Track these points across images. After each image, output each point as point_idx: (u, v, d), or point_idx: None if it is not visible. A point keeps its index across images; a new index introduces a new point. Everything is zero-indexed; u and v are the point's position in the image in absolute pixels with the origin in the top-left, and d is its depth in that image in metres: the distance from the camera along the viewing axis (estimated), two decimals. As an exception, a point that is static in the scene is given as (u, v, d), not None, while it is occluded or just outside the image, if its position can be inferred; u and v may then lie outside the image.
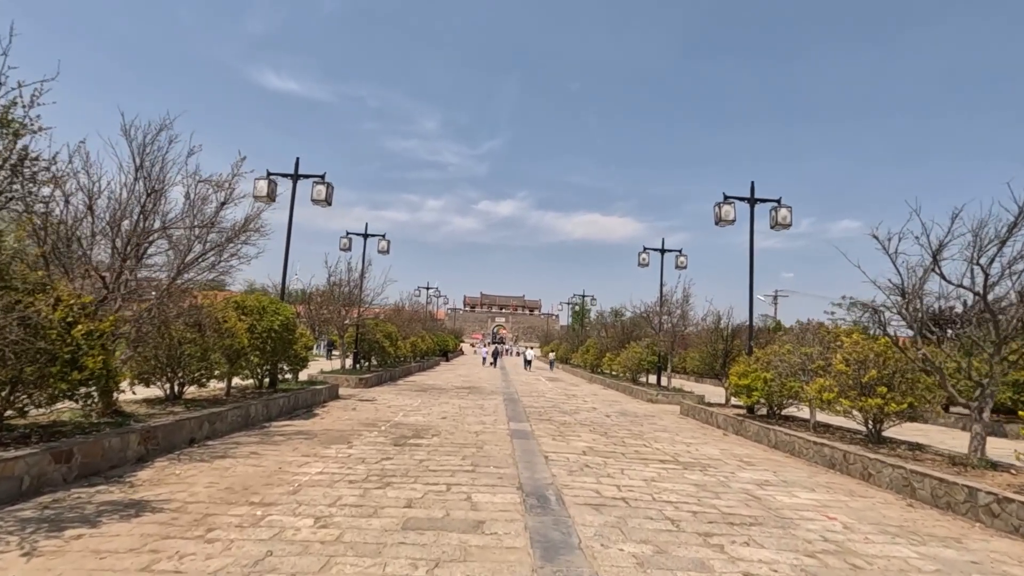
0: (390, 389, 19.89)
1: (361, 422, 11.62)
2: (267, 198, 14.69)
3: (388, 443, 9.34)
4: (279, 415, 11.88)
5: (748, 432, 12.31)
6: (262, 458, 7.75)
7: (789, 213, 14.96)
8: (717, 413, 14.38)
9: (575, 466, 8.21)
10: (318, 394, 14.55)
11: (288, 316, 11.54)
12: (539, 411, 15.31)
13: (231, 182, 8.85)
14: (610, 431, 12.27)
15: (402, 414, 13.20)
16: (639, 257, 23.51)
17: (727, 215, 15.07)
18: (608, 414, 15.63)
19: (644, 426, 13.51)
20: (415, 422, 11.96)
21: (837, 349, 10.90)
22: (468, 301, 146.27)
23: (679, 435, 12.31)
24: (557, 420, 13.59)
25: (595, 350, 34.58)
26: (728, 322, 16.03)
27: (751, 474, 8.44)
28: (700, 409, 15.52)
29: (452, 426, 11.59)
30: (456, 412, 14.04)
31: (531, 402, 17.86)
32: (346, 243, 22.63)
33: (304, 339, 13.71)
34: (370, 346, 22.72)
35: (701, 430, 13.45)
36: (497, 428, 11.67)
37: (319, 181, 14.96)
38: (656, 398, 20.17)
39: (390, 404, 15.15)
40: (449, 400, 16.97)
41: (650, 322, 22.45)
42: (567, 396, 20.94)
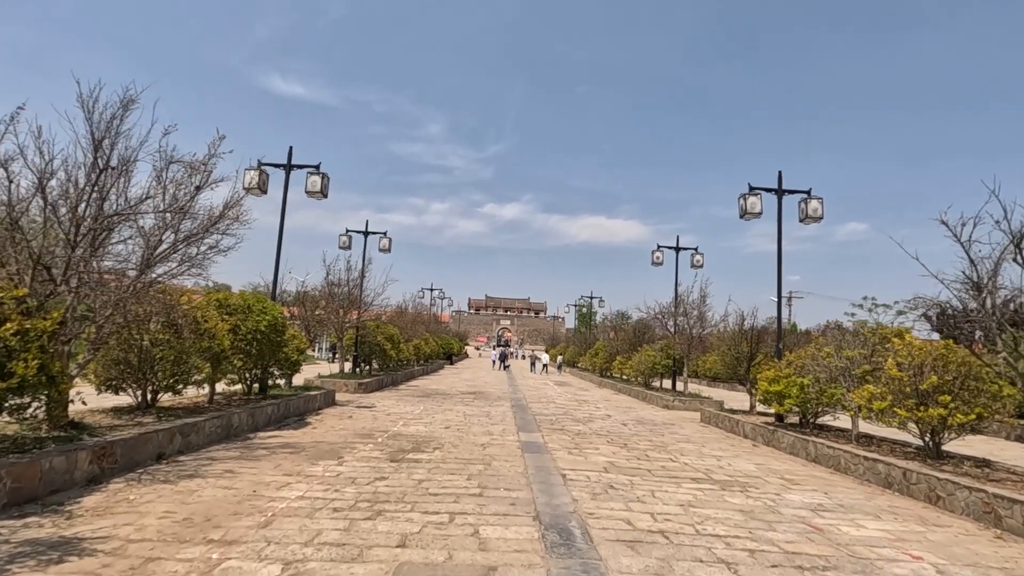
0: (391, 395, 18.84)
1: (356, 433, 10.56)
2: (258, 190, 13.71)
3: (384, 458, 8.28)
4: (267, 424, 10.84)
5: (782, 443, 11.18)
6: (236, 478, 6.70)
7: (820, 205, 13.85)
8: (743, 421, 13.25)
9: (598, 487, 7.12)
10: (312, 401, 13.51)
11: (276, 316, 10.52)
12: (550, 419, 14.22)
13: (207, 164, 7.82)
14: (630, 442, 11.17)
15: (402, 423, 12.14)
16: (653, 255, 22.42)
17: (753, 207, 13.97)
18: (624, 422, 14.52)
19: (665, 436, 12.40)
20: (416, 432, 10.89)
21: (887, 352, 9.78)
22: (473, 304, 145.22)
23: (705, 446, 11.20)
24: (571, 430, 12.49)
25: (604, 353, 33.46)
26: (753, 323, 14.95)
27: (800, 496, 7.33)
28: (724, 417, 14.39)
29: (456, 437, 10.52)
30: (461, 421, 12.97)
31: (541, 409, 16.77)
32: (345, 241, 21.62)
33: (297, 341, 12.69)
34: (371, 349, 21.69)
35: (727, 440, 12.33)
36: (506, 440, 10.59)
37: (313, 171, 13.97)
38: (672, 404, 19.05)
39: (390, 412, 14.10)
40: (453, 407, 15.90)
41: (664, 323, 21.32)
42: (578, 402, 19.84)
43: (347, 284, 19.87)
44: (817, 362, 10.92)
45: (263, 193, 13.82)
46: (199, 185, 7.78)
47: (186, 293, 9.17)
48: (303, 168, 14.01)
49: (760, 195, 14.05)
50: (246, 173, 13.71)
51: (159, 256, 7.72)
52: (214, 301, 9.99)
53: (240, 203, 8.20)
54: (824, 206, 13.87)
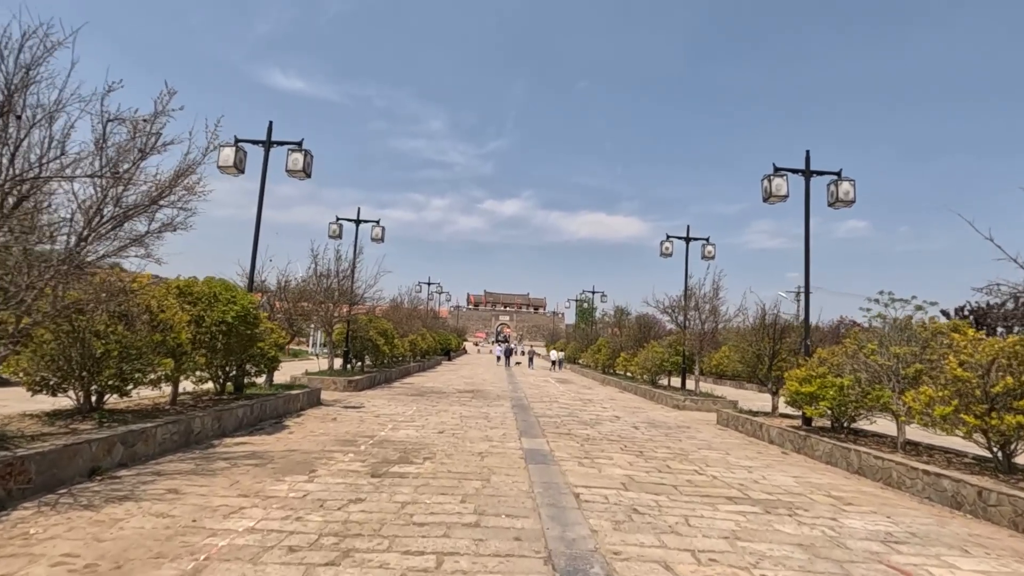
0: (383, 393, 17.61)
1: (338, 438, 9.34)
2: (234, 169, 12.44)
3: (364, 472, 7.04)
4: (237, 429, 9.60)
5: (816, 451, 9.97)
6: (178, 501, 5.47)
7: (852, 188, 12.61)
8: (767, 425, 12.04)
9: (619, 512, 5.89)
10: (293, 401, 12.28)
11: (246, 306, 9.27)
12: (555, 422, 12.99)
13: (153, 123, 6.56)
14: (645, 449, 9.95)
15: (391, 426, 10.91)
16: (662, 246, 21.17)
17: (779, 190, 12.71)
18: (635, 425, 13.30)
19: (683, 441, 11.19)
20: (405, 438, 9.66)
21: (944, 349, 8.57)
22: (472, 299, 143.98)
23: (730, 454, 9.99)
24: (578, 434, 11.27)
25: (607, 350, 32.25)
26: (775, 317, 13.71)
27: (861, 521, 6.11)
28: (744, 419, 13.18)
29: (451, 444, 9.30)
30: (456, 424, 11.74)
31: (543, 409, 15.55)
32: (336, 230, 20.35)
33: (274, 335, 11.45)
34: (362, 345, 20.45)
35: (752, 447, 11.11)
36: (507, 447, 9.37)
37: (295, 148, 12.69)
38: (683, 404, 17.84)
39: (379, 413, 12.87)
40: (449, 407, 14.67)
41: (675, 318, 20.09)
42: (582, 402, 18.62)
43: (336, 275, 18.63)
44: (857, 360, 9.70)
45: (240, 172, 12.55)
46: (143, 148, 6.51)
47: (139, 279, 7.92)
48: (284, 145, 12.73)
49: (786, 176, 12.80)
50: (221, 150, 12.43)
51: (96, 231, 6.46)
52: (174, 289, 8.74)
53: (194, 170, 6.92)
54: (856, 189, 12.63)
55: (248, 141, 12.73)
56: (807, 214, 12.71)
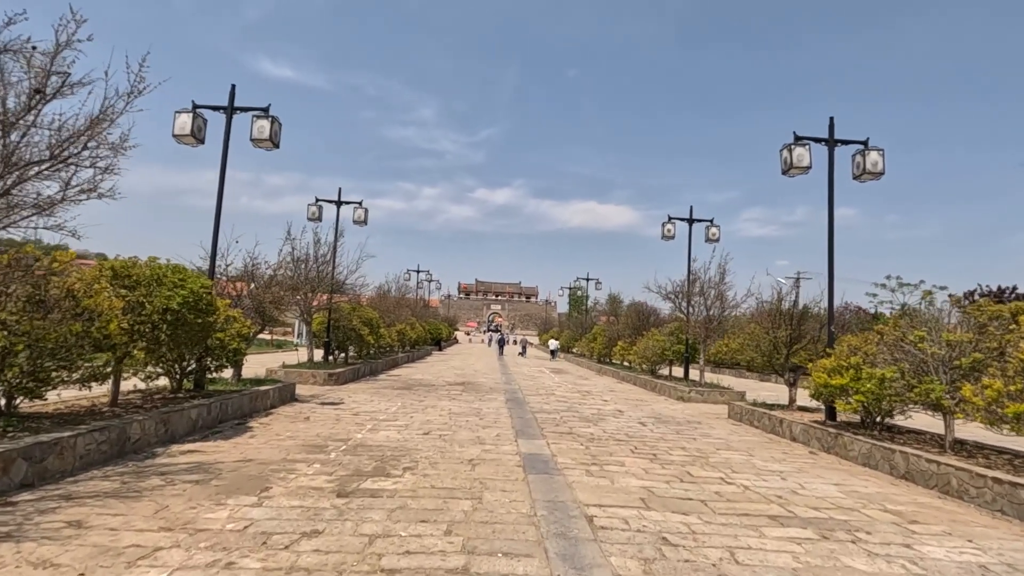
0: (367, 386, 16.33)
1: (306, 443, 8.07)
2: (191, 138, 11.01)
3: (329, 489, 5.79)
4: (189, 433, 8.31)
5: (850, 452, 8.83)
6: (76, 539, 4.19)
7: (881, 158, 11.39)
8: (788, 420, 10.90)
9: (647, 544, 4.68)
10: (261, 398, 10.97)
11: (196, 291, 7.93)
12: (553, 418, 11.79)
13: (54, 57, 5.19)
14: (658, 451, 8.77)
15: (370, 427, 9.66)
16: (664, 228, 19.93)
17: (800, 160, 11.47)
18: (641, 420, 12.13)
19: (698, 440, 10.03)
20: (384, 442, 8.41)
21: (1009, 335, 7.41)
22: (463, 288, 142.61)
23: (754, 455, 8.83)
24: (581, 433, 10.07)
25: (604, 338, 31.12)
26: (793, 302, 12.55)
27: (940, 549, 4.94)
28: (760, 414, 12.05)
29: (436, 449, 8.06)
30: (444, 423, 10.50)
31: (540, 403, 14.35)
32: (315, 211, 18.92)
33: (237, 325, 10.11)
34: (345, 335, 19.13)
35: (775, 445, 9.97)
36: (502, 451, 8.14)
37: (261, 115, 11.27)
38: (688, 396, 16.72)
39: (359, 410, 11.60)
40: (438, 402, 13.43)
41: (678, 304, 18.92)
42: (581, 394, 17.44)
43: (315, 260, 17.27)
44: (900, 348, 8.54)
45: (199, 143, 11.12)
46: (40, 89, 5.15)
47: (59, 257, 6.58)
48: (248, 111, 11.30)
49: (808, 146, 11.55)
50: (177, 117, 11.00)
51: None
52: (108, 271, 7.38)
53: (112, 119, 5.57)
54: (885, 160, 11.42)
55: (207, 107, 11.30)
56: (831, 187, 11.49)
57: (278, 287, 12.98)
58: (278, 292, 12.63)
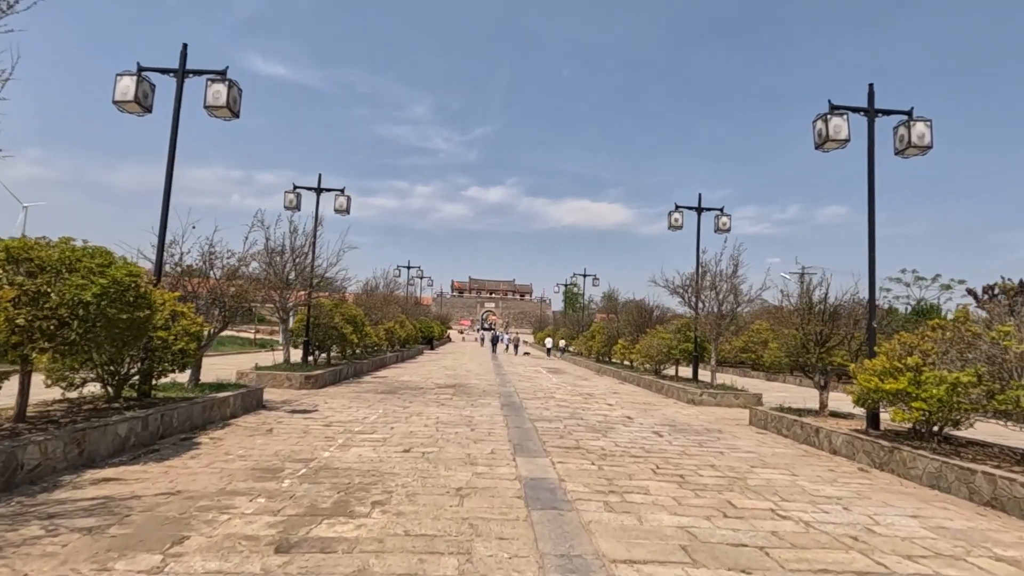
0: (347, 390, 14.83)
1: (257, 466, 6.57)
2: (136, 104, 9.49)
3: (266, 541, 4.30)
4: (117, 453, 6.79)
5: (912, 470, 7.42)
6: None
7: (928, 130, 10.01)
8: (828, 430, 9.51)
9: (711, 634, 3.23)
10: (218, 407, 9.46)
11: (122, 279, 6.41)
12: (556, 428, 10.34)
13: None
14: (684, 470, 7.34)
15: (341, 441, 8.18)
16: (670, 218, 18.53)
17: (837, 132, 10.06)
18: (656, 429, 10.70)
19: (726, 454, 8.61)
20: (355, 463, 6.93)
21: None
22: (457, 286, 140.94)
23: (799, 475, 7.42)
24: (590, 447, 8.63)
25: (603, 336, 29.74)
26: (824, 295, 11.15)
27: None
28: (789, 420, 10.65)
29: (417, 473, 6.58)
30: (430, 435, 9.03)
31: (539, 409, 12.90)
32: (292, 199, 17.39)
33: (184, 322, 8.58)
34: (326, 333, 17.60)
35: (816, 461, 8.57)
36: (497, 475, 6.68)
37: (216, 78, 9.72)
38: (700, 399, 15.32)
39: (333, 419, 10.10)
40: (424, 409, 11.95)
41: (688, 300, 17.52)
42: (583, 397, 16.00)
43: (291, 251, 15.74)
44: (976, 348, 7.14)
45: (144, 110, 9.58)
46: None
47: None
48: (201, 74, 9.76)
49: (846, 116, 10.14)
50: (119, 81, 9.48)
51: None
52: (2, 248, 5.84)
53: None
54: (933, 132, 10.03)
55: (155, 69, 9.76)
56: (871, 161, 10.09)
57: (244, 280, 11.44)
58: (242, 285, 11.08)
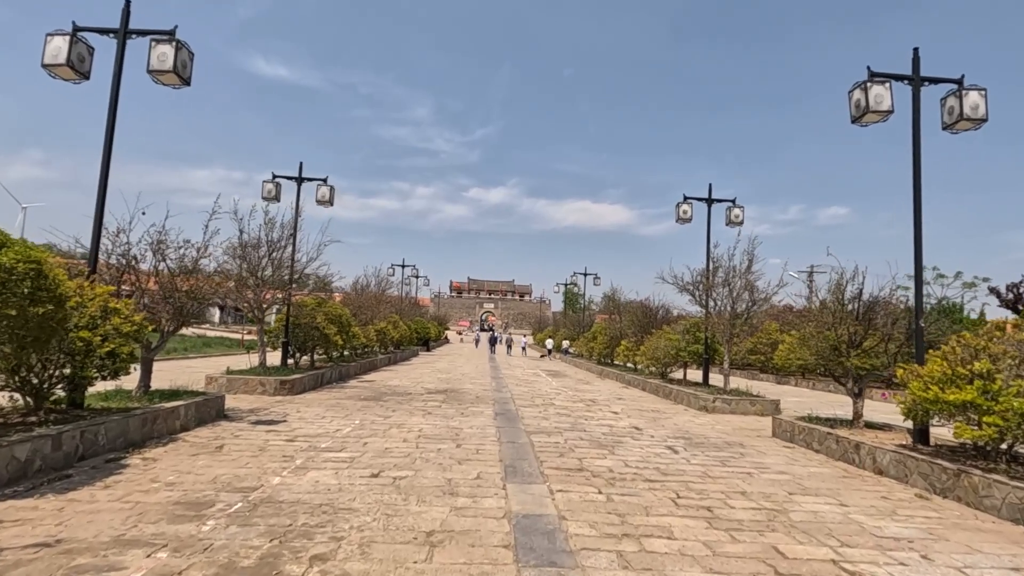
0: (327, 396, 13.52)
1: (183, 498, 5.27)
2: (67, 69, 8.21)
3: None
4: (13, 480, 5.48)
5: (988, 500, 6.11)
6: None
7: (983, 100, 8.71)
8: (870, 446, 8.20)
9: None
10: (164, 419, 8.14)
11: (13, 265, 5.12)
12: (556, 443, 9.03)
13: None
14: (711, 501, 6.04)
15: (300, 461, 6.87)
16: (678, 209, 17.20)
17: (879, 103, 8.75)
18: (669, 444, 9.40)
19: (755, 476, 7.31)
20: (308, 492, 5.62)
21: None
22: (455, 286, 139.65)
23: (847, 504, 6.12)
24: (596, 469, 7.31)
25: (605, 337, 28.43)
26: (859, 289, 9.85)
27: None
28: (823, 434, 9.33)
29: (382, 508, 5.27)
30: (408, 453, 7.72)
31: (537, 419, 11.59)
32: (271, 189, 16.07)
33: (116, 321, 7.27)
34: (307, 334, 16.29)
35: (862, 484, 7.26)
36: (481, 510, 5.36)
37: (163, 39, 8.41)
38: (713, 406, 14.01)
39: (299, 432, 8.79)
40: (407, 419, 10.64)
41: (699, 298, 16.21)
42: (585, 403, 14.69)
43: (267, 245, 14.45)
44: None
45: (80, 76, 8.27)
46: None
47: None
48: (147, 35, 8.46)
49: (889, 85, 8.84)
50: (49, 41, 8.19)
51: None
52: None
53: None
54: (987, 103, 8.74)
55: (93, 29, 8.47)
56: (916, 136, 8.81)
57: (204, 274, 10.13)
58: (200, 280, 9.77)
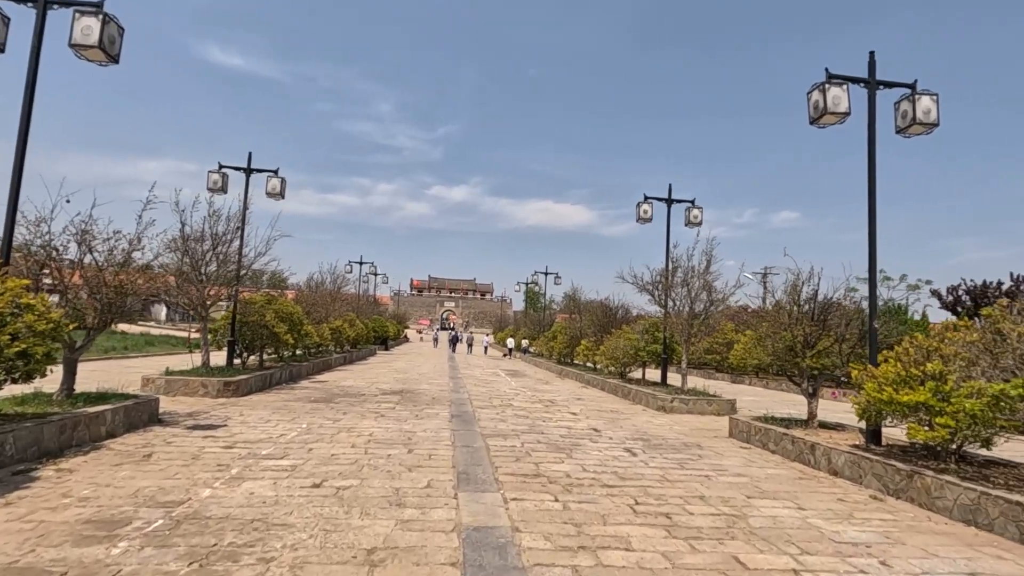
0: (274, 398, 12.88)
1: (95, 516, 4.73)
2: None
3: None
4: None
5: (940, 501, 6.12)
6: None
7: (934, 105, 8.86)
8: (826, 447, 8.21)
9: None
10: (85, 425, 7.46)
11: None
12: (512, 447, 8.73)
13: None
14: (670, 506, 5.85)
15: (236, 470, 6.36)
16: (639, 209, 17.18)
17: (836, 104, 8.78)
18: (627, 445, 9.23)
19: (713, 479, 7.19)
20: (240, 506, 5.15)
21: None
22: (416, 284, 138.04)
23: (805, 507, 6.03)
24: (553, 474, 7.05)
25: (565, 337, 28.37)
26: (814, 291, 9.92)
27: None
28: (778, 435, 9.33)
29: (321, 523, 4.85)
30: (355, 459, 7.29)
31: (494, 420, 11.28)
32: (217, 180, 15.25)
33: (31, 318, 6.58)
34: (255, 333, 15.53)
35: (819, 486, 7.23)
36: (429, 523, 5.01)
37: (86, 10, 7.68)
38: (671, 405, 13.99)
39: (239, 438, 8.23)
40: (359, 422, 10.17)
41: (658, 297, 16.21)
42: (544, 404, 14.47)
43: (211, 238, 13.68)
44: (1015, 352, 5.88)
45: (-6, 49, 7.51)
46: None
47: None
48: (70, 5, 7.70)
49: (846, 87, 8.89)
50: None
51: None
52: None
53: None
54: (939, 108, 8.88)
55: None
56: (872, 139, 8.88)
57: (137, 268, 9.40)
58: (130, 275, 9.05)
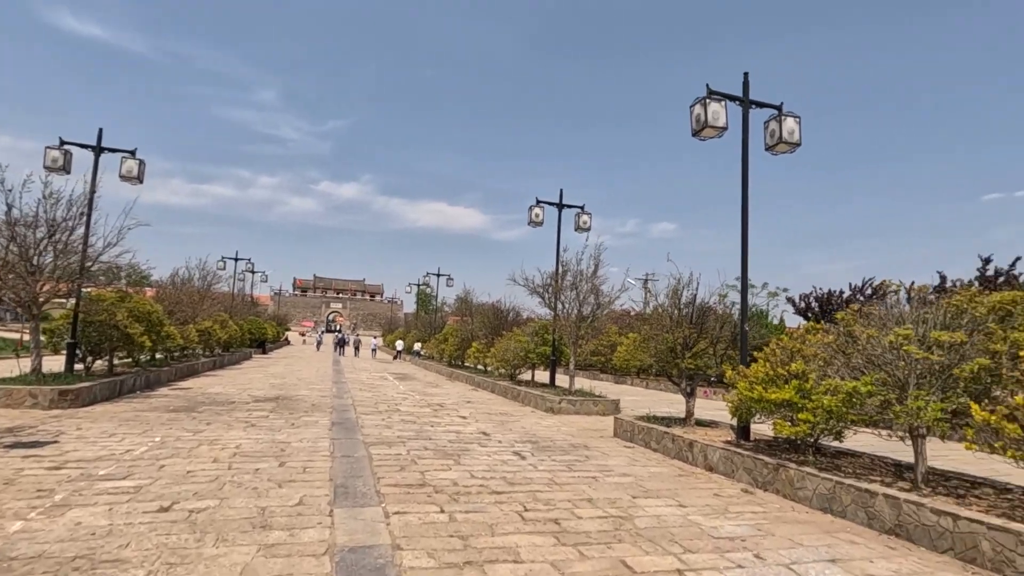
0: (125, 408, 11.32)
1: None
2: None
3: None
4: None
5: (801, 492, 6.57)
6: None
7: (798, 127, 9.66)
8: (702, 444, 8.60)
9: None
10: None
11: None
12: (397, 455, 8.27)
13: None
14: (559, 511, 5.75)
15: (62, 496, 5.35)
16: (531, 213, 17.34)
17: (715, 119, 9.28)
18: (516, 449, 9.11)
19: (600, 480, 7.23)
20: (62, 540, 4.28)
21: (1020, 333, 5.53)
22: (299, 284, 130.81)
23: (685, 504, 6.21)
24: (439, 483, 6.70)
25: (456, 339, 28.06)
26: (693, 296, 10.46)
27: None
28: (660, 433, 9.68)
29: (165, 556, 4.15)
30: (215, 476, 6.48)
31: (379, 427, 10.71)
32: (57, 157, 13.23)
33: None
34: (102, 334, 13.62)
35: (697, 482, 7.52)
36: (299, 546, 4.47)
37: None
38: (559, 407, 14.16)
39: (72, 455, 7.03)
40: (224, 433, 9.16)
41: (549, 300, 16.39)
42: (432, 408, 14.05)
43: (46, 224, 11.80)
44: (864, 353, 6.45)
45: None
46: None
47: None
48: None
49: (725, 103, 9.42)
50: None
51: None
52: None
53: None
54: (802, 129, 9.71)
55: None
56: (745, 153, 9.50)
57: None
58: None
